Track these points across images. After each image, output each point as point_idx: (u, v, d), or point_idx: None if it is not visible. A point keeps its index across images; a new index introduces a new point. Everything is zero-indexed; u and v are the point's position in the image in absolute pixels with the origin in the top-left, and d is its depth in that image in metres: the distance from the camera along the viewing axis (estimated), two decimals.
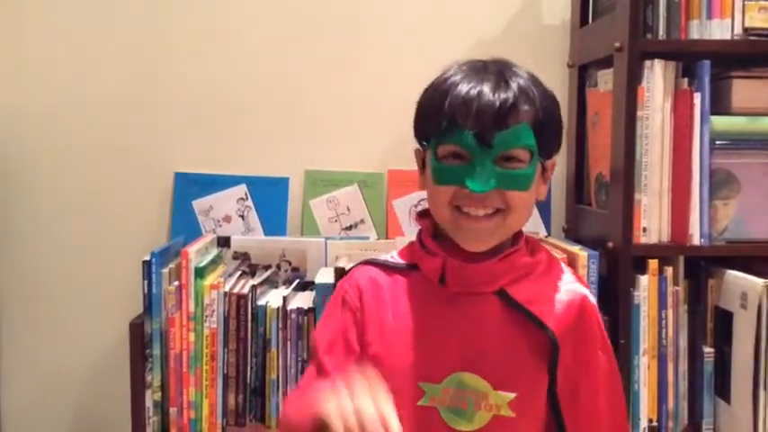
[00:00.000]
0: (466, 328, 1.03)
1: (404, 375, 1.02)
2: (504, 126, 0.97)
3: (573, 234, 1.67)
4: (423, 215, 1.10)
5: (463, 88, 0.97)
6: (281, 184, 1.71)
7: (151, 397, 1.43)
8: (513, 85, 0.98)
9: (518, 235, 1.07)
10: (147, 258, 1.41)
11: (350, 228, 1.71)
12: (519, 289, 1.03)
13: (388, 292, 1.07)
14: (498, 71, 1.00)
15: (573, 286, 1.07)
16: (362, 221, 1.71)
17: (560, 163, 1.72)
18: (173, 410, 1.43)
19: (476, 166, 0.97)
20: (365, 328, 1.05)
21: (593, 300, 1.07)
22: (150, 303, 1.42)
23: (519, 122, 0.97)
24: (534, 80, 1.02)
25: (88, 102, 1.71)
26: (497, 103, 0.96)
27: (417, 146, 1.09)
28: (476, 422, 1.01)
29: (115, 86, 1.70)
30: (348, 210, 1.72)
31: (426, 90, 1.05)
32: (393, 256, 1.13)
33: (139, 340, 1.42)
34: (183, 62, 1.70)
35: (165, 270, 1.44)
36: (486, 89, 0.96)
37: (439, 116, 0.98)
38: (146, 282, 1.42)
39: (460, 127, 0.96)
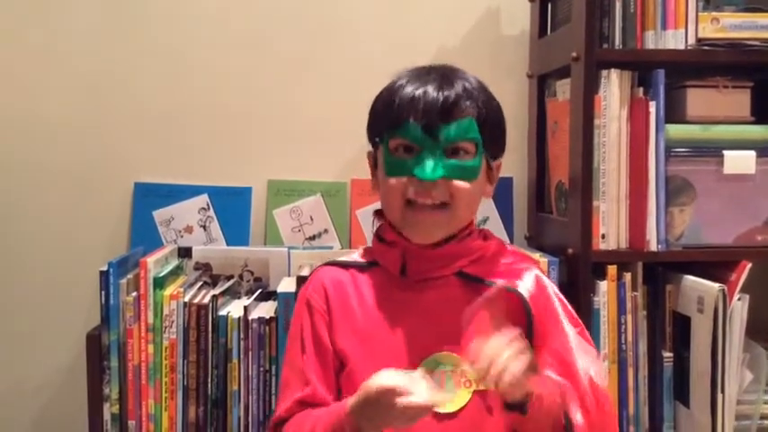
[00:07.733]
0: (432, 310, 1.09)
1: (379, 369, 1.02)
2: (450, 119, 1.06)
3: (535, 242, 1.68)
4: (379, 214, 1.18)
5: (409, 89, 1.08)
6: (243, 194, 1.70)
7: (109, 410, 1.41)
8: (457, 85, 1.08)
9: (469, 225, 1.15)
10: (105, 269, 1.39)
11: (313, 237, 1.71)
12: (475, 268, 1.11)
13: (352, 289, 1.13)
14: (442, 74, 1.10)
15: (525, 264, 1.15)
16: (326, 231, 1.71)
17: (522, 172, 1.74)
18: (131, 423, 1.41)
19: (424, 156, 1.06)
20: (334, 328, 1.11)
21: (544, 277, 1.15)
22: (108, 314, 1.40)
23: (463, 117, 1.07)
24: (479, 84, 1.12)
25: (47, 111, 1.68)
26: (441, 99, 1.06)
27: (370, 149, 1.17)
28: (457, 401, 1.04)
29: (75, 96, 1.68)
30: (311, 219, 1.71)
31: (377, 96, 1.15)
32: (353, 257, 1.19)
33: (97, 352, 1.40)
34: (142, 71, 1.69)
35: (124, 281, 1.42)
36: (431, 88, 1.07)
37: (389, 113, 1.09)
38: (103, 292, 1.40)
39: (409, 120, 1.06)
